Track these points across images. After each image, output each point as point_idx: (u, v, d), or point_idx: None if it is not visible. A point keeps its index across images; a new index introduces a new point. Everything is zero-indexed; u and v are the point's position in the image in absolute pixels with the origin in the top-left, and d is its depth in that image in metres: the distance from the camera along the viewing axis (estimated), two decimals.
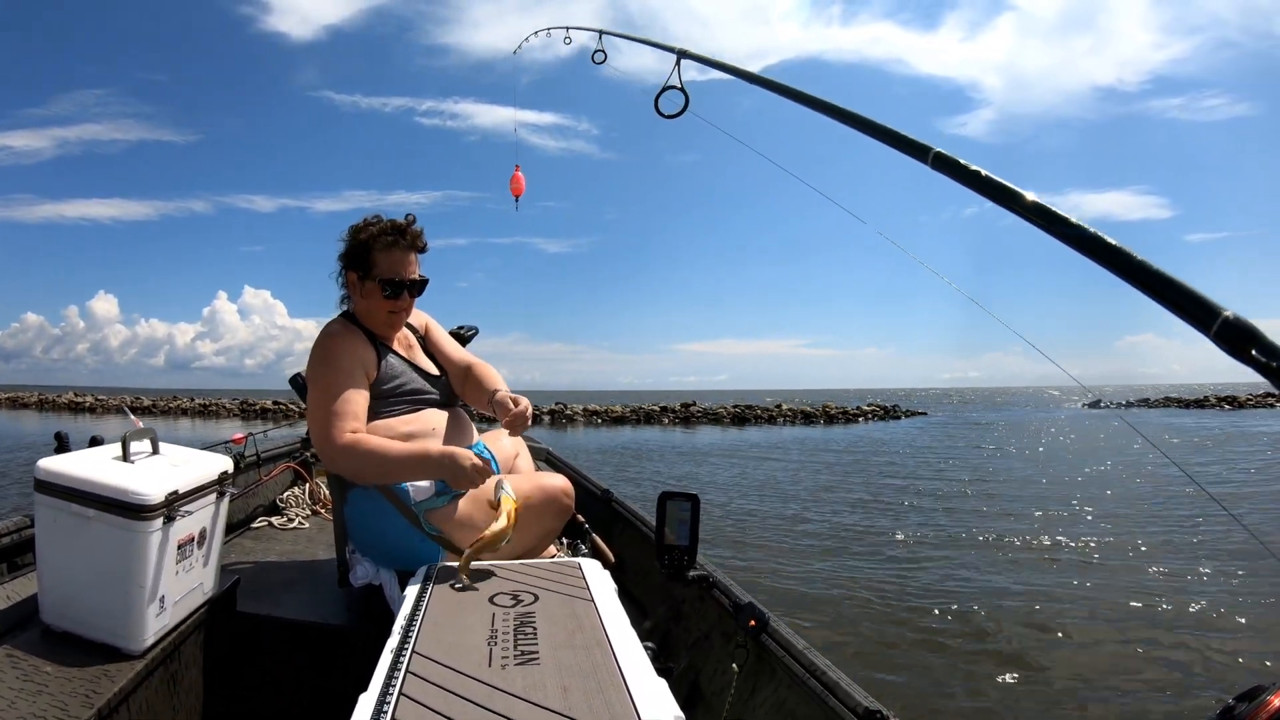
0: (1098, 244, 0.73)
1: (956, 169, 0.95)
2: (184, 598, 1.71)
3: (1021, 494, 11.27)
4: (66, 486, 1.57)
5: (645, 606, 2.39)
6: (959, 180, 0.93)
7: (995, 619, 5.20)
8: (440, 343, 2.27)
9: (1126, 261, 0.69)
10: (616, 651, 1.24)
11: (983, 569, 6.64)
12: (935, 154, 1.00)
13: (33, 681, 1.42)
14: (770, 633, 1.66)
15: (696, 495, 1.79)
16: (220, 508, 1.86)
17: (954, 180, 0.94)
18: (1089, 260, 0.73)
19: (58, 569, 1.61)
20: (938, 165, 0.99)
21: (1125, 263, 0.69)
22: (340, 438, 1.82)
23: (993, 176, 0.89)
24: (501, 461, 2.14)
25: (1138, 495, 10.75)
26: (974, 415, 41.37)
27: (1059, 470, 14.43)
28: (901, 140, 1.10)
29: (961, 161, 0.94)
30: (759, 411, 36.54)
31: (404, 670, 1.15)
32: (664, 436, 25.71)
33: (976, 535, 8.01)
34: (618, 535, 2.86)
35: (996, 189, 0.88)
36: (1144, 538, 7.67)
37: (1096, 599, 5.70)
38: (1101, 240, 0.73)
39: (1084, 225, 0.75)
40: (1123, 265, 0.69)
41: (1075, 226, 0.76)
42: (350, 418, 1.85)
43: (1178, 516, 8.89)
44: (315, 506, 3.37)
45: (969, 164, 0.92)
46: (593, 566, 1.63)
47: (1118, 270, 0.70)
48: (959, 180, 0.93)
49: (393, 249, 1.99)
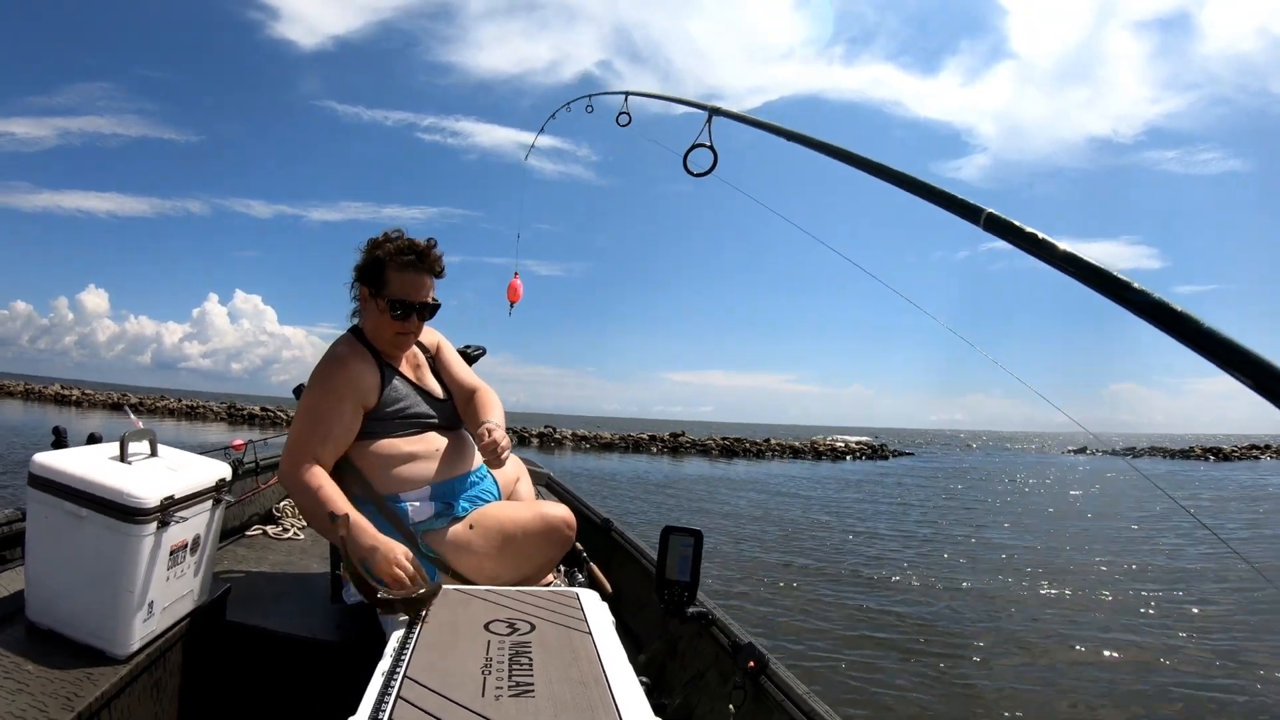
0: (1162, 310, 0.74)
1: (1010, 231, 0.95)
2: (173, 604, 1.68)
3: (1021, 541, 11.23)
4: (62, 484, 1.55)
5: (641, 640, 2.34)
6: (1013, 242, 0.94)
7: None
8: (450, 364, 2.22)
9: (1194, 329, 0.70)
10: (614, 688, 1.22)
11: (993, 618, 6.66)
12: (988, 215, 1.00)
13: (13, 679, 1.39)
14: (769, 675, 1.63)
15: (700, 531, 1.77)
16: (216, 515, 1.84)
17: (1007, 242, 0.94)
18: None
19: (47, 567, 1.58)
20: (990, 226, 0.99)
21: (1192, 329, 0.70)
22: (301, 461, 1.79)
23: (1049, 239, 0.90)
24: (502, 486, 2.13)
25: (1158, 548, 10.70)
26: (965, 459, 41.40)
27: (1063, 519, 14.39)
28: (954, 201, 1.10)
29: (1015, 223, 0.94)
30: (748, 445, 36.40)
31: (395, 695, 1.12)
32: (652, 465, 25.58)
33: (975, 582, 7.99)
34: (617, 566, 2.82)
35: (1051, 251, 0.88)
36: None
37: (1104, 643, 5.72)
38: (1167, 306, 0.73)
39: (1148, 290, 0.75)
40: (1190, 332, 0.70)
41: (1138, 291, 0.77)
42: (320, 442, 1.83)
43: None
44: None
45: (1024, 226, 0.93)
46: (591, 598, 1.61)
47: (1182, 337, 0.71)
48: (1013, 242, 0.94)
49: (407, 270, 1.95)
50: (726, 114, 1.97)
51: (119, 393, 52.59)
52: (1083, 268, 0.84)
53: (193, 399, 50.36)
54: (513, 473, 2.24)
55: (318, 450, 1.82)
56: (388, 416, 1.94)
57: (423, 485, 1.91)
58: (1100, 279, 0.82)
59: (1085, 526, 13.35)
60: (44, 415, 30.19)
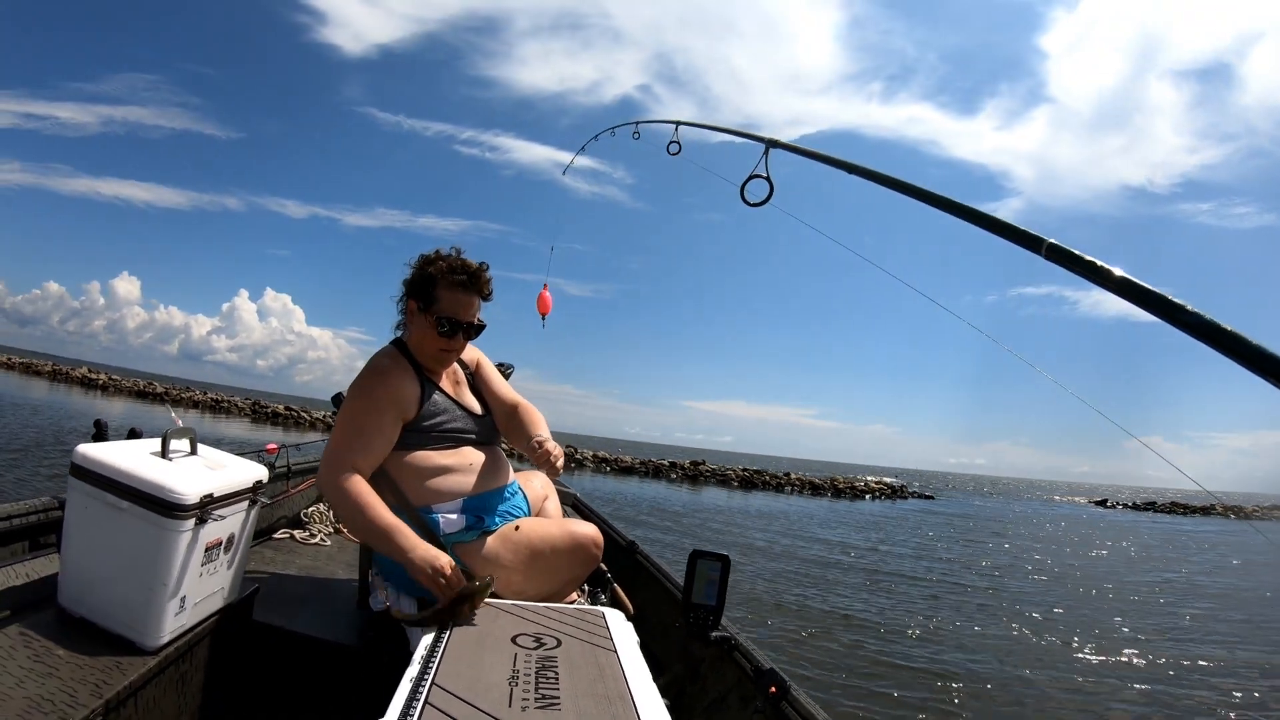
0: (1214, 330, 0.75)
1: (1072, 260, 0.95)
2: (204, 600, 1.70)
3: (1047, 592, 10.93)
4: (104, 475, 1.58)
5: (661, 662, 2.32)
6: (1074, 270, 0.94)
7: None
8: (490, 381, 2.25)
9: (1252, 351, 0.71)
10: (638, 705, 1.21)
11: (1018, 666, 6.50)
12: (1049, 245, 1.00)
13: (43, 663, 1.41)
14: (791, 701, 1.62)
15: (728, 556, 1.77)
16: (250, 516, 1.86)
17: (1069, 270, 0.94)
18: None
19: (83, 555, 1.61)
20: (1052, 256, 0.99)
21: (1248, 351, 0.71)
22: (341, 470, 1.81)
23: (1107, 266, 0.90)
24: (531, 503, 2.14)
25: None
26: (985, 506, 40.54)
27: (1082, 572, 14.01)
28: (1015, 232, 1.10)
29: (1076, 252, 0.95)
30: (767, 477, 36.08)
31: (423, 701, 1.13)
32: (671, 492, 25.42)
33: (1003, 630, 7.79)
34: (640, 588, 2.80)
35: (1108, 277, 0.89)
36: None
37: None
38: (1218, 327, 0.74)
39: (1201, 312, 0.76)
40: (1248, 355, 0.71)
41: (1192, 314, 0.77)
42: (360, 453, 1.85)
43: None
44: (338, 525, 3.35)
45: (1084, 254, 0.93)
46: (616, 617, 1.61)
47: (1235, 356, 0.72)
48: (1074, 270, 0.94)
49: (458, 289, 1.98)
50: (785, 146, 1.99)
51: (145, 380, 52.81)
52: (1140, 293, 0.85)
53: (218, 393, 50.81)
54: (541, 490, 2.26)
55: (357, 460, 1.84)
56: (425, 429, 1.96)
57: (456, 498, 1.93)
58: (1157, 303, 0.83)
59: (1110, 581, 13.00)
60: (66, 397, 30.70)
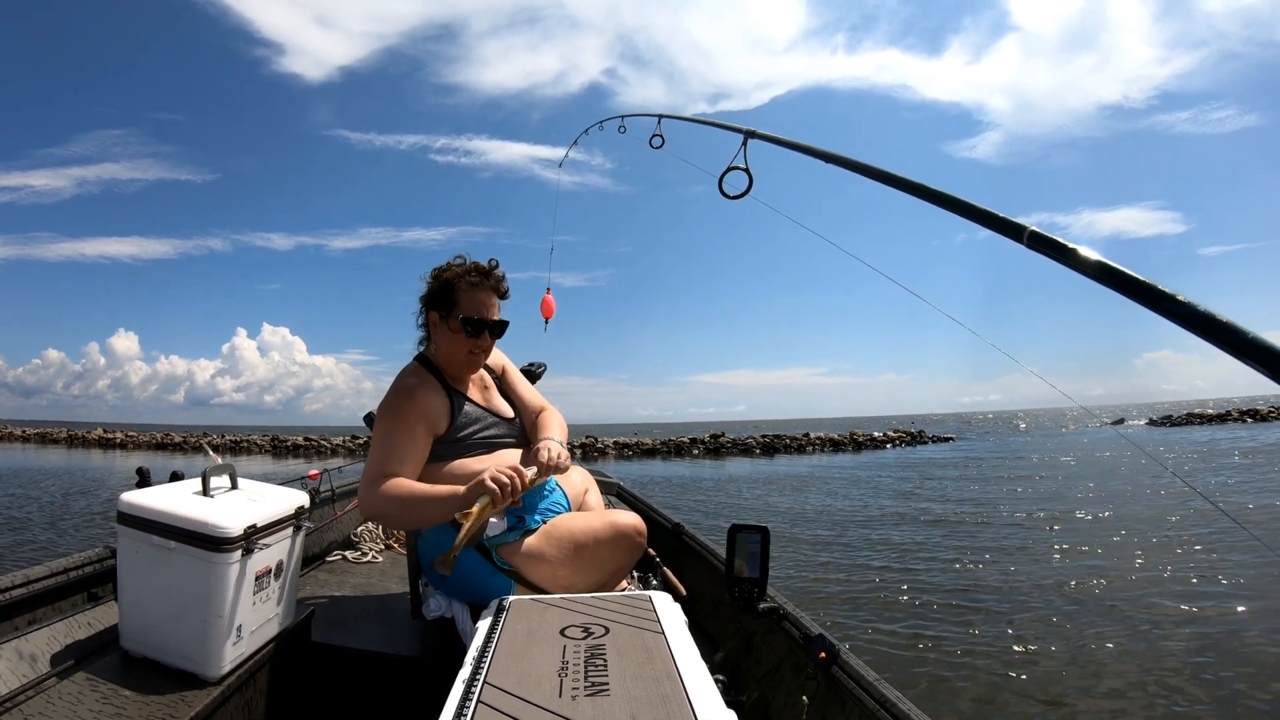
0: (1208, 322, 0.73)
1: (1054, 247, 0.94)
2: (260, 627, 1.75)
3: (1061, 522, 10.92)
4: (149, 519, 1.63)
5: (716, 639, 2.37)
6: (1056, 259, 0.92)
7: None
8: (516, 385, 2.28)
9: (1250, 344, 0.69)
10: (686, 683, 1.23)
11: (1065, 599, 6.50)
12: (1030, 232, 0.99)
13: (112, 704, 1.46)
14: (841, 664, 1.64)
15: (766, 528, 1.78)
16: (296, 541, 1.91)
17: (1052, 259, 0.93)
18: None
19: (139, 597, 1.67)
20: (1033, 244, 0.98)
21: (1242, 343, 0.70)
22: (379, 484, 1.82)
23: (1092, 254, 0.88)
24: (571, 498, 2.17)
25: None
26: (1006, 441, 40.41)
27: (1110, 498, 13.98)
28: (995, 220, 1.09)
29: (1058, 239, 0.93)
30: (788, 441, 36.18)
31: (475, 700, 1.15)
32: (697, 468, 25.47)
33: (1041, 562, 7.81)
34: (689, 569, 2.84)
35: (1097, 267, 0.87)
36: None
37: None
38: (1213, 318, 0.72)
39: (1194, 303, 0.74)
40: (1243, 347, 0.70)
41: (1183, 304, 0.76)
42: (397, 464, 1.86)
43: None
44: (388, 541, 3.42)
45: (1066, 242, 0.92)
46: (663, 599, 1.63)
47: (1229, 348, 0.71)
48: (1056, 259, 0.92)
49: (476, 289, 2.01)
50: (763, 137, 1.96)
51: (160, 432, 53.09)
52: (1124, 280, 0.83)
53: (234, 434, 50.99)
54: (581, 484, 2.28)
55: (395, 471, 1.85)
56: (461, 440, 1.98)
57: None
58: (1145, 292, 0.80)
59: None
60: (86, 460, 30.79)
